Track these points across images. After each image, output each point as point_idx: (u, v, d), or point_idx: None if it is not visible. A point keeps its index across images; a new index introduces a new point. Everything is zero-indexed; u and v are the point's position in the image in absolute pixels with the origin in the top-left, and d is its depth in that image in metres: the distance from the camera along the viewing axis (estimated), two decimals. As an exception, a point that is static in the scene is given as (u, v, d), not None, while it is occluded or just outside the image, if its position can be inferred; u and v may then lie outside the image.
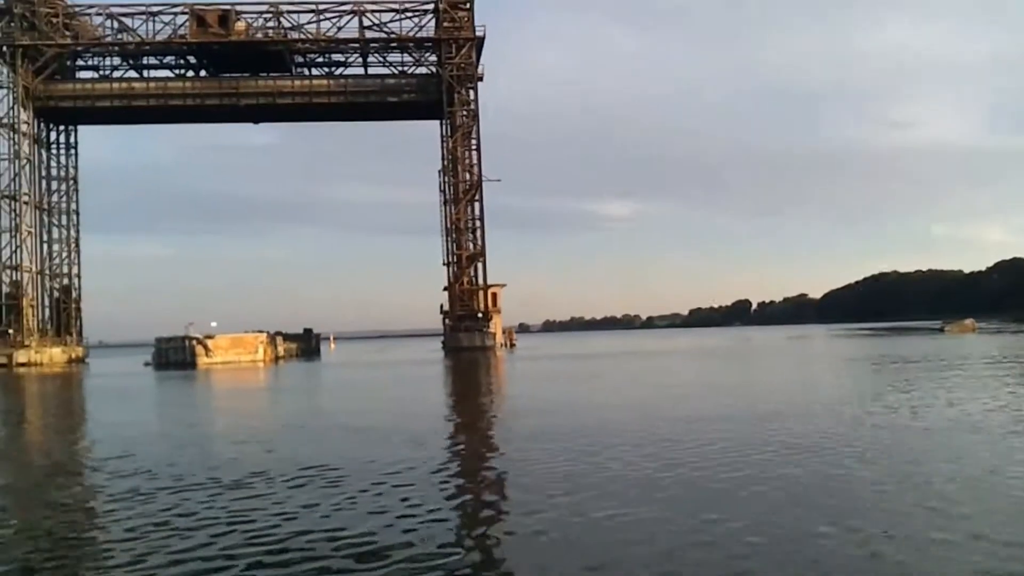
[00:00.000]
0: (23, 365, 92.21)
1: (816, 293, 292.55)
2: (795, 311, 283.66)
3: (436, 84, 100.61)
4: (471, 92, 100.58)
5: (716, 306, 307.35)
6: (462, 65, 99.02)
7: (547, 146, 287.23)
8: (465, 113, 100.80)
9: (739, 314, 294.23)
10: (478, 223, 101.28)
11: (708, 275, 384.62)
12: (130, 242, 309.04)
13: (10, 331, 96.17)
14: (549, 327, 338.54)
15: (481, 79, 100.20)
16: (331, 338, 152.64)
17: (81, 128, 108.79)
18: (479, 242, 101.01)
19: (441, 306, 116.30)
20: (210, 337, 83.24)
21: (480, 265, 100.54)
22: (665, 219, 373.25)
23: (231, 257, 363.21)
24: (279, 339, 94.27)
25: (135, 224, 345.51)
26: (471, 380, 47.83)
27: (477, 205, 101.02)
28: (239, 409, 33.04)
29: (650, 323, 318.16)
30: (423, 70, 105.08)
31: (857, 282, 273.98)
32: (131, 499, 12.86)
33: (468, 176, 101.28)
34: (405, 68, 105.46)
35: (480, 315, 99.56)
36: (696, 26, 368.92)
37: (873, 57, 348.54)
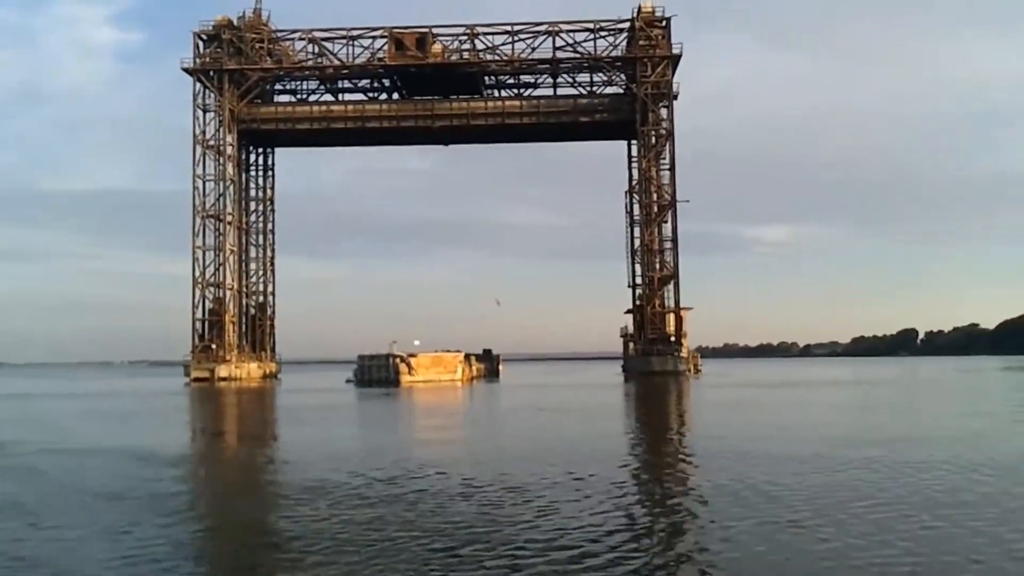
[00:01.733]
0: (224, 379, 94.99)
1: (989, 323, 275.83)
2: (966, 341, 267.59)
3: (629, 103, 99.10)
4: (664, 111, 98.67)
5: (880, 335, 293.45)
6: (657, 83, 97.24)
7: (696, 167, 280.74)
8: (657, 132, 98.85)
9: (905, 344, 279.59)
10: (668, 244, 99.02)
11: (870, 303, 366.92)
12: (295, 265, 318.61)
13: (212, 346, 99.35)
14: (701, 352, 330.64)
15: (676, 97, 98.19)
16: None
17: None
18: (670, 264, 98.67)
19: (623, 329, 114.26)
20: (413, 356, 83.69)
21: (672, 287, 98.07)
22: (823, 244, 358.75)
23: (392, 279, 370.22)
24: (472, 359, 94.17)
25: (298, 247, 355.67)
26: (691, 412, 43.94)
27: (667, 226, 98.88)
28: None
29: (808, 351, 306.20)
30: (611, 90, 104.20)
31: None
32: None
33: (658, 196, 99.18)
34: (594, 88, 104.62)
35: (672, 339, 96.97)
36: (859, 45, 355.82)
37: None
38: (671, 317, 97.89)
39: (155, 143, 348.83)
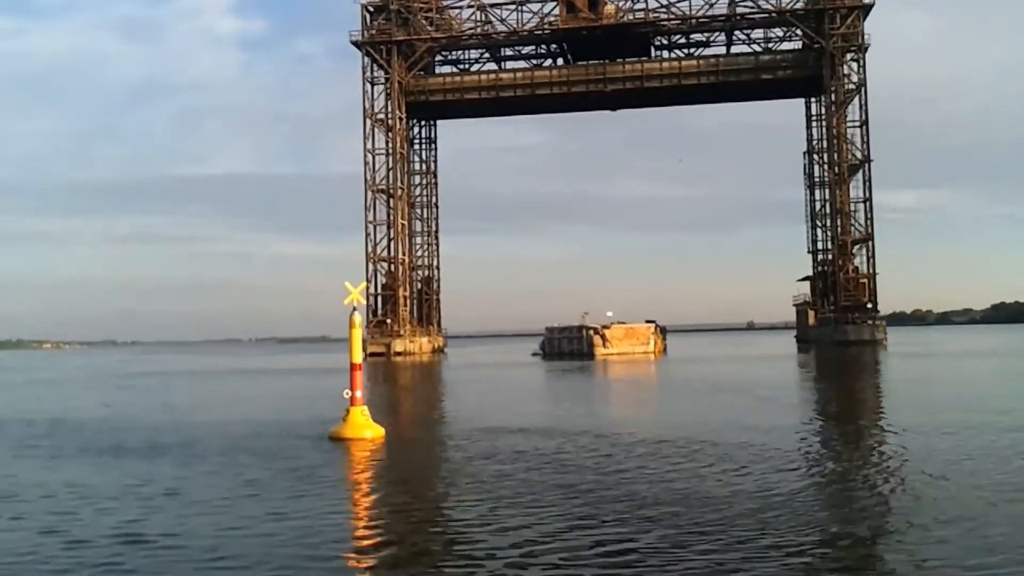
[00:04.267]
0: (399, 354, 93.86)
1: None
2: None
3: (815, 58, 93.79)
4: (854, 64, 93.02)
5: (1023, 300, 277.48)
6: (846, 35, 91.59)
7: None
8: (845, 87, 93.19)
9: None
10: (858, 206, 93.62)
11: (1010, 267, 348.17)
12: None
13: (387, 321, 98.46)
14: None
15: (867, 49, 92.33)
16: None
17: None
18: (861, 225, 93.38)
19: (800, 296, 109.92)
20: (607, 327, 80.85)
21: (866, 251, 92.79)
22: (950, 210, 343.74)
23: (506, 255, 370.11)
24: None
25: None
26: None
27: (858, 186, 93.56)
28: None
29: (945, 319, 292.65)
30: (787, 45, 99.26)
31: None
32: None
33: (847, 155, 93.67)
34: (770, 44, 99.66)
35: (868, 305, 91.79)
36: (981, 7, 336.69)
37: None
38: (865, 283, 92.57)
39: (275, 128, 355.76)
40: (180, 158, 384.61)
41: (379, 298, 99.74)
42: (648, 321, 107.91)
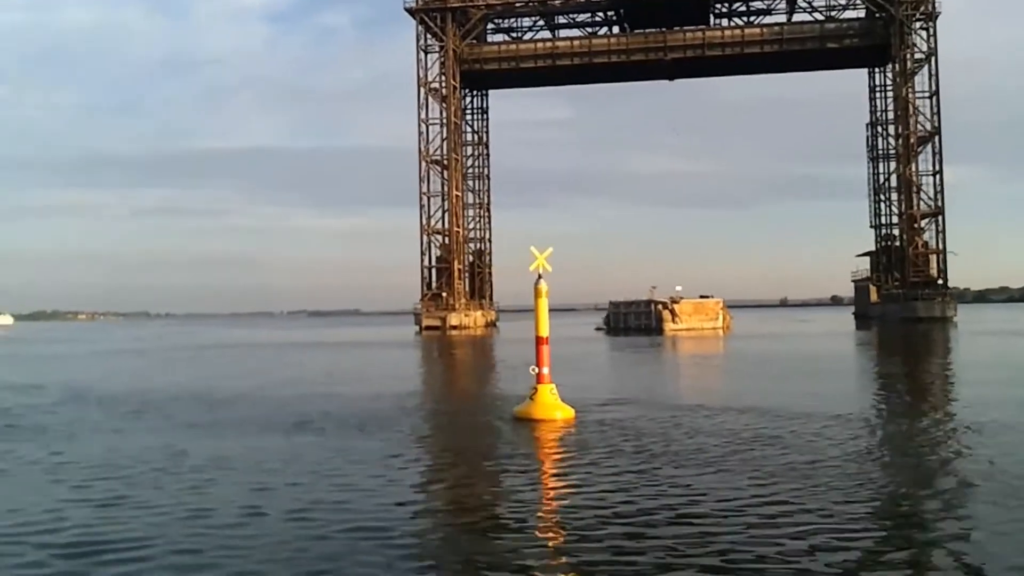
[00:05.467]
0: (454, 328, 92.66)
1: None
2: None
3: (883, 27, 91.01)
4: (924, 32, 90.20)
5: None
6: (916, 3, 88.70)
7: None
8: (913, 56, 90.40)
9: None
10: (924, 179, 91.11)
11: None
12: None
13: (442, 294, 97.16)
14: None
15: (937, 17, 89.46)
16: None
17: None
18: (930, 199, 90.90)
19: (858, 272, 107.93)
20: (675, 302, 79.01)
21: (936, 225, 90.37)
22: (987, 186, 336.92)
23: (528, 230, 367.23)
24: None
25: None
26: None
27: (927, 159, 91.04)
28: None
29: (983, 296, 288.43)
30: (850, 14, 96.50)
31: None
32: None
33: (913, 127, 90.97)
34: (832, 12, 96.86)
35: (939, 281, 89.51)
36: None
37: None
38: (934, 258, 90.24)
39: (301, 101, 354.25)
40: (205, 131, 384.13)
41: (434, 271, 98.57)
42: (703, 296, 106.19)
